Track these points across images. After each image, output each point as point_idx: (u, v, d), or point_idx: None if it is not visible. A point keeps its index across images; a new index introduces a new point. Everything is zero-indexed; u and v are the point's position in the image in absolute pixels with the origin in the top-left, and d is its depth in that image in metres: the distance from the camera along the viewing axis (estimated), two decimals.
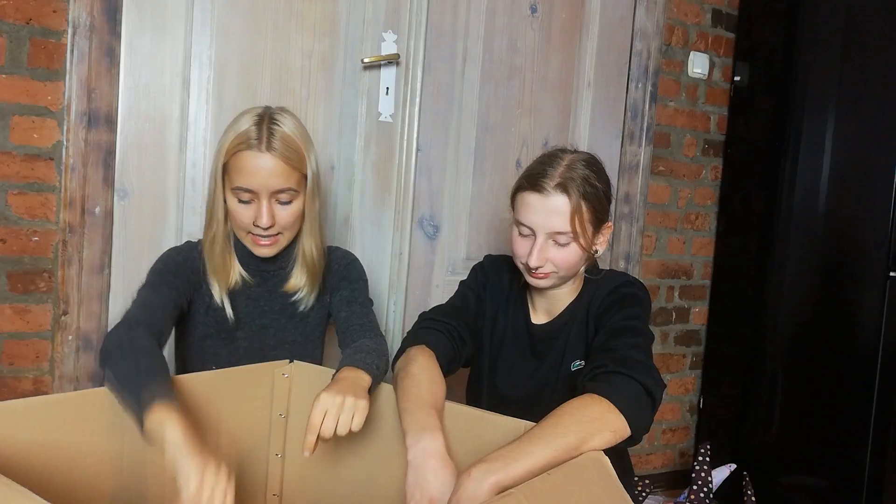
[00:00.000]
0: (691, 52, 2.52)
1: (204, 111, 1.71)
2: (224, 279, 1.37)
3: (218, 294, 1.36)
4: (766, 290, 2.40)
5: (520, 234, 1.33)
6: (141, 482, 1.12)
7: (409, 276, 2.00)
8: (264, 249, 1.35)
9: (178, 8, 1.66)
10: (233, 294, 1.39)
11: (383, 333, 1.42)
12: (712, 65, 2.58)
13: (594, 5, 2.28)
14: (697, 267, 2.65)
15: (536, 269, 1.29)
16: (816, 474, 2.28)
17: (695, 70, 2.53)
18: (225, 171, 1.31)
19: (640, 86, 2.39)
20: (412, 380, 1.17)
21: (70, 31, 1.55)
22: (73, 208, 1.58)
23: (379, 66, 1.90)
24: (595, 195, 1.29)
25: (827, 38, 2.29)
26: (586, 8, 2.27)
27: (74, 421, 1.05)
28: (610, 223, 1.36)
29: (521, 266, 1.34)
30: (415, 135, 1.97)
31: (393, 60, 1.90)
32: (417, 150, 1.99)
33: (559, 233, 1.27)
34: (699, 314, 2.68)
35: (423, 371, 1.19)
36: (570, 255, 1.29)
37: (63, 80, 1.56)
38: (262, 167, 1.27)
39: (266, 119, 1.29)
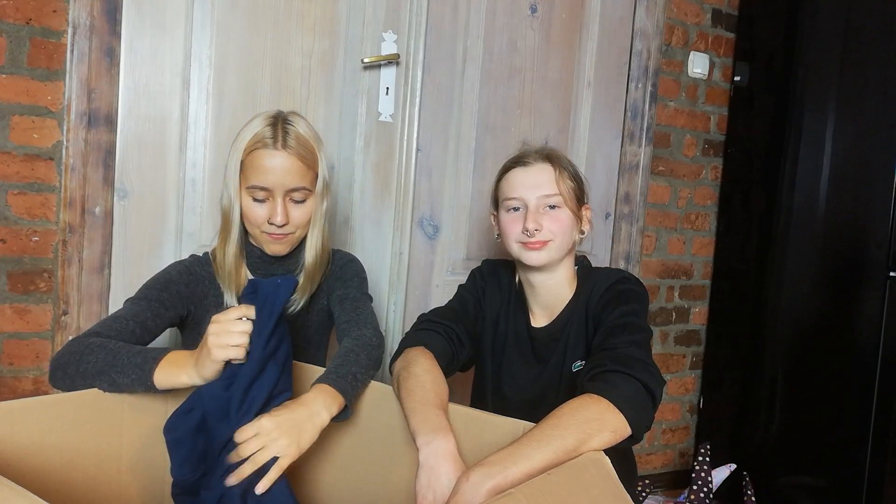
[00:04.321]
0: (691, 52, 2.52)
1: (204, 111, 1.71)
2: (236, 285, 1.36)
3: (228, 301, 1.35)
4: (766, 290, 2.40)
5: (508, 211, 1.37)
6: (140, 482, 1.12)
7: (409, 276, 2.00)
8: (277, 246, 1.36)
9: (178, 8, 1.66)
10: (240, 301, 1.37)
11: (383, 333, 1.41)
12: (712, 65, 2.58)
13: (594, 5, 2.28)
14: (697, 267, 2.65)
15: (533, 236, 1.32)
16: (816, 474, 2.28)
17: (695, 70, 2.53)
18: (242, 171, 1.32)
19: (640, 86, 2.39)
20: (416, 380, 1.17)
21: (70, 31, 1.55)
22: (73, 208, 1.58)
23: (379, 66, 1.90)
24: (573, 171, 1.38)
25: (827, 38, 2.29)
26: (586, 8, 2.27)
27: (73, 421, 1.05)
28: (588, 207, 1.42)
29: (515, 248, 1.36)
30: (415, 135, 1.97)
31: (393, 60, 1.90)
32: (417, 150, 1.99)
33: (549, 195, 1.33)
34: (699, 314, 2.68)
35: (427, 372, 1.19)
36: (564, 219, 1.34)
37: (63, 80, 1.56)
38: (279, 165, 1.29)
39: (280, 120, 1.32)
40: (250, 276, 1.38)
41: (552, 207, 1.33)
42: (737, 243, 2.58)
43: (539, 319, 1.42)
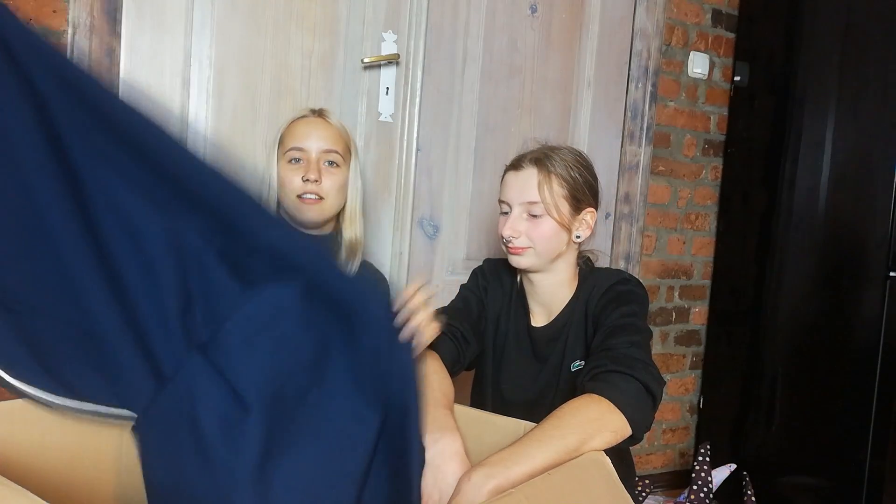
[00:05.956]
0: (691, 52, 2.52)
1: (204, 111, 1.71)
2: None
3: None
4: (766, 290, 2.40)
5: (501, 213, 1.37)
6: (141, 482, 1.12)
7: (409, 276, 2.00)
8: (311, 213, 1.43)
9: (178, 8, 1.66)
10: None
11: None
12: (712, 65, 2.58)
13: (594, 5, 2.28)
14: (697, 267, 2.65)
15: (510, 241, 1.32)
16: (816, 474, 2.28)
17: (695, 70, 2.53)
18: (280, 144, 1.47)
19: (640, 86, 2.39)
20: (423, 381, 1.17)
21: (70, 31, 1.55)
22: None
23: (379, 66, 1.90)
24: (570, 175, 1.33)
25: (827, 38, 2.29)
26: (586, 8, 2.27)
27: (74, 421, 1.04)
28: (593, 210, 1.37)
29: (503, 249, 1.37)
30: (415, 135, 1.97)
31: (393, 60, 1.90)
32: (417, 150, 1.99)
33: (531, 202, 1.31)
34: (699, 314, 2.68)
35: (432, 372, 1.19)
36: (545, 228, 1.31)
37: None
38: (314, 128, 1.46)
39: (318, 109, 1.52)
40: None
41: (534, 215, 1.31)
42: (737, 243, 2.58)
43: (539, 319, 1.42)
